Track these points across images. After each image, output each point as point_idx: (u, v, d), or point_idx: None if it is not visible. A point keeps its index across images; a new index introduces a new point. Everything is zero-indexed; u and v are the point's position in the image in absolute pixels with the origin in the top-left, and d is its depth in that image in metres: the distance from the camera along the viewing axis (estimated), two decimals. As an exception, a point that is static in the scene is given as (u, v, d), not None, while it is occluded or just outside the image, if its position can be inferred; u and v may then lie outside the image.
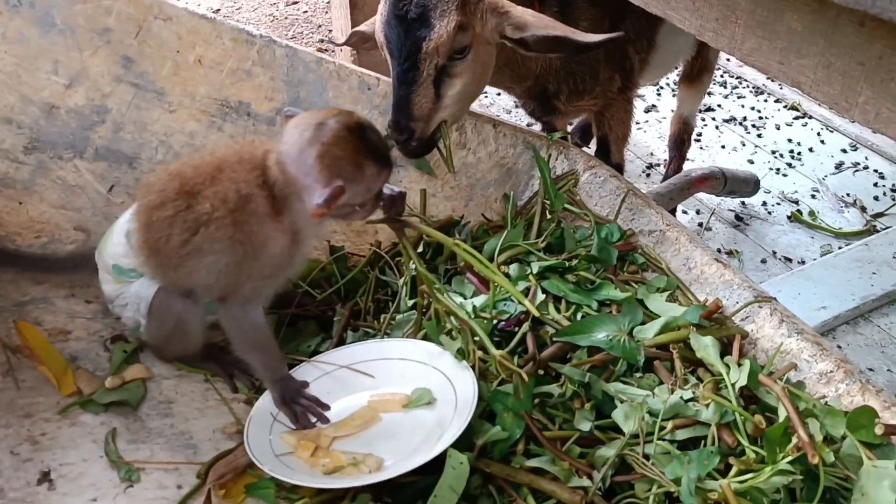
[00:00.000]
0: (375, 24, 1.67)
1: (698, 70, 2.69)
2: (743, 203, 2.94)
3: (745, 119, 3.43)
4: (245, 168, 1.34)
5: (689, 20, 1.53)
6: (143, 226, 1.37)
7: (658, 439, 1.29)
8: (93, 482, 1.24)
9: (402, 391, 1.46)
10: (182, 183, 1.34)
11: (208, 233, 1.32)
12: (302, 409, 1.41)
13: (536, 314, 1.43)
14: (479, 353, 1.43)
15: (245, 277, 1.37)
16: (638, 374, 1.44)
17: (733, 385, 1.31)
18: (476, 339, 1.43)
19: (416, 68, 1.58)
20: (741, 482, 1.17)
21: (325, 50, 3.98)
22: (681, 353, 1.42)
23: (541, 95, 2.09)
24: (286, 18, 4.30)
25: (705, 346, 1.38)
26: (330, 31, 4.06)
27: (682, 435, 1.31)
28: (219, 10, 4.45)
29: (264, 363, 1.43)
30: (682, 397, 1.33)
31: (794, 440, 1.17)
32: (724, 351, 1.41)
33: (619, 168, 2.33)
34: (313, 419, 1.41)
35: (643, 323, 1.51)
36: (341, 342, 1.62)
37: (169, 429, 1.39)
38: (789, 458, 1.16)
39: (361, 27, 1.94)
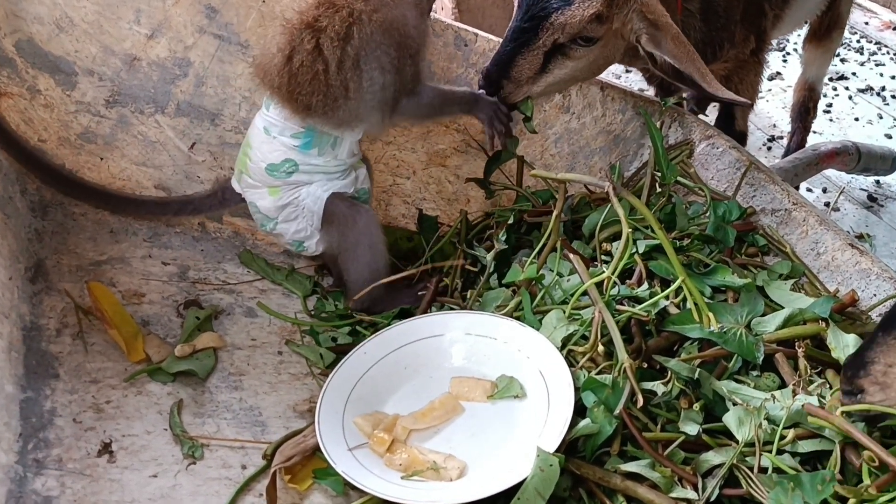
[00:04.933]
0: None
1: (827, 26, 2.42)
2: (877, 182, 2.66)
3: (883, 89, 3.10)
4: None
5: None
6: (287, 84, 1.35)
7: (777, 451, 1.12)
8: (154, 456, 1.18)
9: (488, 377, 1.33)
10: (292, 27, 1.33)
11: (360, 34, 1.34)
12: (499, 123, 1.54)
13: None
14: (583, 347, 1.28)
15: (405, 62, 1.41)
16: (755, 373, 1.27)
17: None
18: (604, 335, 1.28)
19: (534, 32, 1.45)
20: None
21: None
22: (808, 352, 1.24)
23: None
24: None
25: (845, 346, 1.19)
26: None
27: (804, 447, 1.14)
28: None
29: (459, 105, 1.54)
30: (805, 404, 1.15)
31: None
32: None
33: (743, 137, 2.13)
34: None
35: (763, 314, 1.32)
36: (425, 317, 1.50)
37: (238, 403, 1.31)
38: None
39: None
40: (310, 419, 1.28)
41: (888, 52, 3.33)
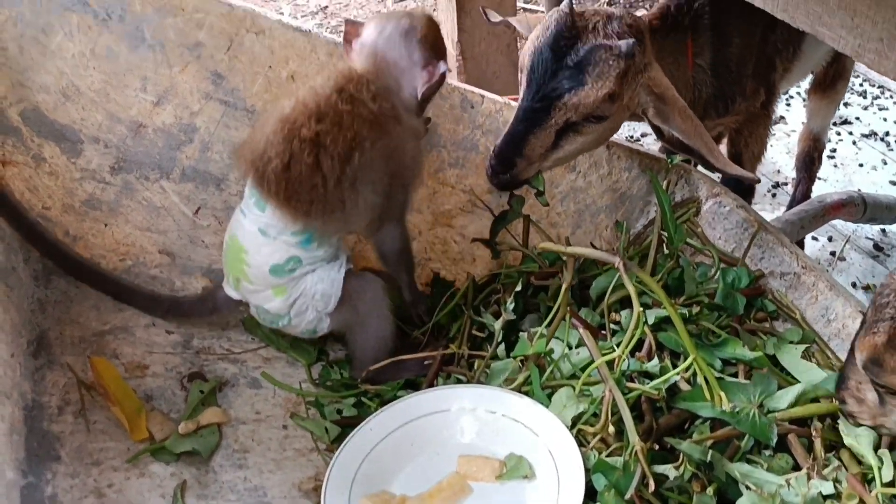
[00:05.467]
0: (526, 44, 1.52)
1: (832, 77, 2.41)
2: (883, 231, 2.65)
3: (887, 134, 3.10)
4: (352, 85, 1.37)
5: (846, 39, 1.32)
6: (284, 191, 1.34)
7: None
8: (158, 544, 1.16)
9: (496, 455, 1.31)
10: (291, 133, 1.33)
11: (360, 155, 1.35)
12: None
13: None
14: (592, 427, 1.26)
15: (397, 190, 1.44)
16: (767, 452, 1.25)
17: (886, 485, 1.10)
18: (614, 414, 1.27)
19: (546, 112, 1.44)
20: None
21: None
22: (824, 435, 1.22)
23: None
24: (393, 16, 4.20)
25: (857, 436, 1.17)
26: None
27: (821, 536, 1.12)
28: (326, 6, 4.39)
29: (412, 276, 1.57)
30: (821, 492, 1.13)
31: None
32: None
33: (751, 189, 2.11)
34: None
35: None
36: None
37: (242, 483, 1.29)
38: None
39: (512, 21, 1.79)
40: (315, 498, 1.26)
41: (892, 97, 3.33)
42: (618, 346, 1.37)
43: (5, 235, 1.45)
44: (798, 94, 3.33)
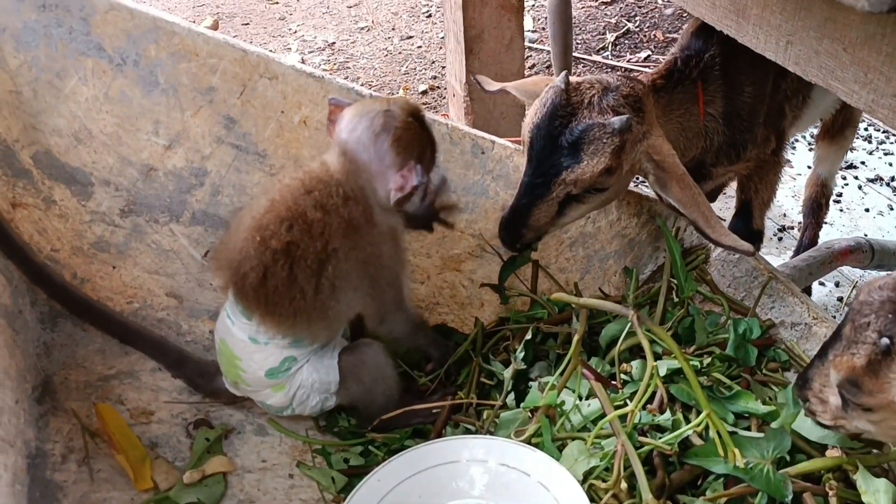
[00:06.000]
0: (525, 118, 1.53)
1: (840, 124, 2.42)
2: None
3: (893, 179, 3.09)
4: (322, 189, 1.31)
5: (859, 94, 1.32)
6: (266, 304, 1.31)
7: None
8: None
9: (505, 510, 1.29)
10: (263, 243, 1.29)
11: (335, 265, 1.31)
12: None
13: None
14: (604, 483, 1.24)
15: (382, 289, 1.40)
16: (783, 510, 1.23)
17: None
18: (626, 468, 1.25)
19: (547, 187, 1.46)
20: None
21: (437, 87, 3.90)
22: (839, 493, 1.20)
23: (694, 166, 1.91)
24: (400, 53, 4.24)
25: (875, 491, 1.15)
26: (443, 67, 3.97)
27: None
28: (334, 42, 4.44)
29: (436, 347, 1.58)
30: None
31: None
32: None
33: (760, 235, 2.12)
34: None
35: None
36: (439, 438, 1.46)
37: (247, 535, 1.27)
38: None
39: (509, 88, 1.80)
40: (322, 554, 1.23)
41: (896, 141, 3.34)
42: (630, 398, 1.36)
43: (13, 278, 1.44)
44: (803, 137, 3.34)
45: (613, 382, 1.46)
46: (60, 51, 1.48)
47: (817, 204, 2.54)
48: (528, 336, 1.57)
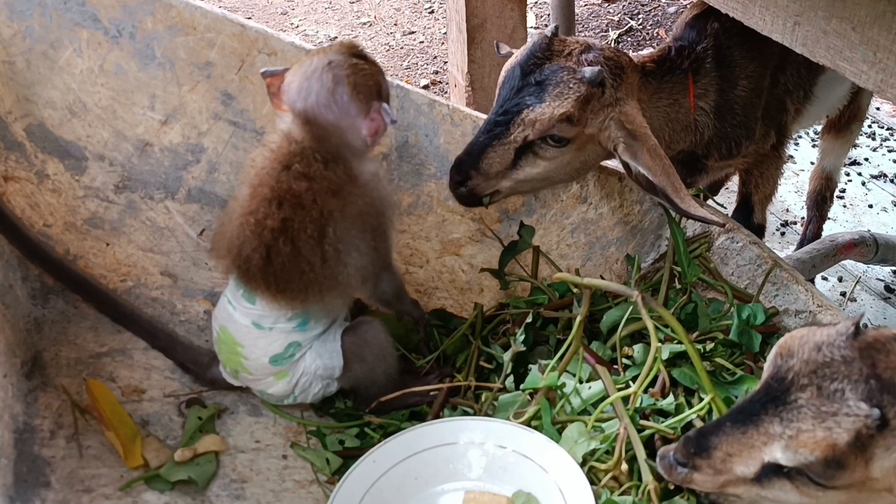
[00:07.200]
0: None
1: (847, 119, 2.40)
2: (895, 272, 2.60)
3: (897, 175, 3.08)
4: (300, 160, 1.27)
5: (867, 74, 1.30)
6: (275, 283, 1.29)
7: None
8: (148, 578, 1.10)
9: (503, 491, 1.26)
10: (258, 221, 1.26)
11: (334, 228, 1.29)
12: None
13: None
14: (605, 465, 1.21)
15: (380, 240, 1.36)
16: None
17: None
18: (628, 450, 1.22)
19: (507, 127, 1.44)
20: None
21: (439, 83, 3.87)
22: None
23: (687, 159, 1.88)
24: (402, 48, 4.22)
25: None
26: (445, 62, 3.95)
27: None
28: (336, 37, 4.42)
29: (415, 308, 1.54)
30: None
31: None
32: None
33: (761, 229, 2.09)
34: None
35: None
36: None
37: (239, 514, 1.24)
38: None
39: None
40: (315, 534, 1.20)
41: (900, 138, 3.32)
42: (632, 381, 1.33)
43: (4, 252, 1.41)
44: (806, 133, 3.32)
45: (615, 367, 1.43)
46: (55, 21, 1.45)
47: (822, 197, 2.52)
48: (529, 320, 1.54)
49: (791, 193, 3.03)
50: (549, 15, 3.51)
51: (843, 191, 2.99)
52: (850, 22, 1.27)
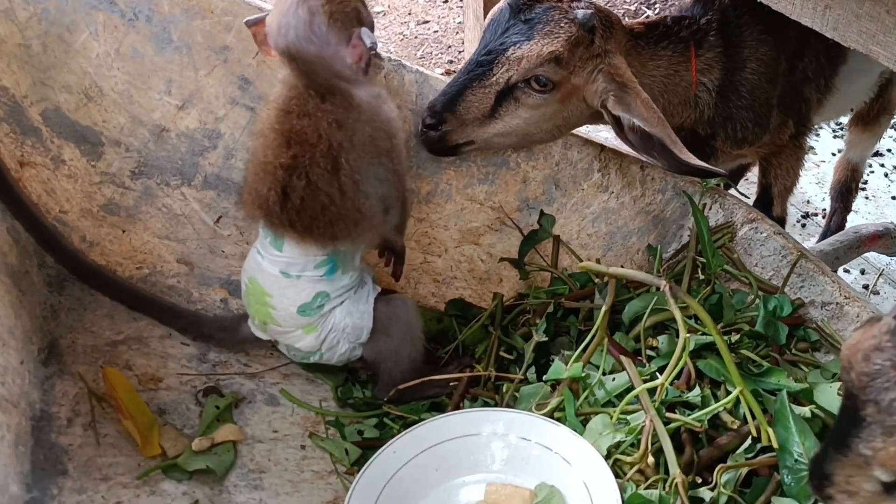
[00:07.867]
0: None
1: (877, 111, 2.35)
2: (918, 265, 2.57)
3: (920, 167, 3.03)
4: (297, 100, 1.27)
5: (904, 59, 1.26)
6: (299, 221, 1.28)
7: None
8: (166, 568, 1.09)
9: (526, 485, 1.24)
10: (272, 162, 1.27)
11: (347, 158, 1.27)
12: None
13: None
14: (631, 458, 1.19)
15: (398, 164, 1.35)
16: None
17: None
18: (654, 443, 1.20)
19: (489, 67, 1.41)
20: None
21: (454, 72, 3.84)
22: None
23: (690, 139, 1.84)
24: (416, 38, 4.18)
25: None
26: (461, 51, 3.92)
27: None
28: (347, 27, 4.40)
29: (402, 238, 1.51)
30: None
31: None
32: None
33: (781, 222, 2.05)
34: None
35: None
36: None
37: (257, 505, 1.22)
38: None
39: None
40: (334, 527, 1.19)
41: (923, 129, 3.26)
42: (659, 371, 1.30)
43: (20, 238, 1.40)
44: (827, 124, 3.27)
45: (639, 358, 1.41)
46: (71, 3, 1.43)
47: (847, 188, 2.48)
48: (550, 309, 1.52)
49: (812, 185, 2.98)
50: (565, 3, 3.48)
51: (866, 182, 2.94)
52: (885, 4, 1.23)
